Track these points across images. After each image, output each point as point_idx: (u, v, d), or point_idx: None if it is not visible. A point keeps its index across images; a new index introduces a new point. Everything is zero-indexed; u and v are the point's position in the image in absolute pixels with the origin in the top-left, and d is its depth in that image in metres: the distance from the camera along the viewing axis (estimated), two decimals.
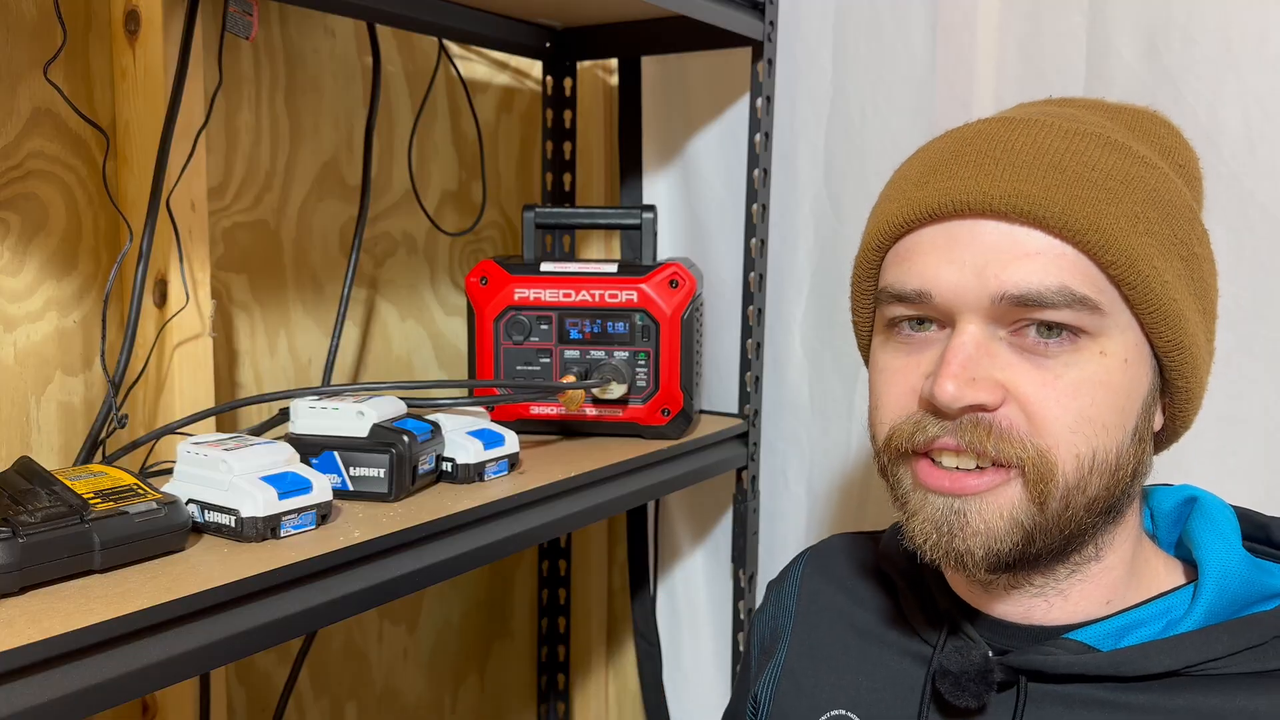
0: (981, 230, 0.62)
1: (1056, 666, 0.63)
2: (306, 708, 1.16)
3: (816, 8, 1.20)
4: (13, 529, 0.61)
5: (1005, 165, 0.62)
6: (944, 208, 0.63)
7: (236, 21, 0.90)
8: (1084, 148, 0.63)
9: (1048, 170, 0.61)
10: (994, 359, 0.62)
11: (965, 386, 0.61)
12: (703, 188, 1.33)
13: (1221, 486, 0.77)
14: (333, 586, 0.72)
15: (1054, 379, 0.61)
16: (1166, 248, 0.62)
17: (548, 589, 1.46)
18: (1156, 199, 0.62)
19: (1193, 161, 0.69)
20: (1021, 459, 0.61)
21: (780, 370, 1.28)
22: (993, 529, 0.62)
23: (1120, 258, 0.60)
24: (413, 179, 1.19)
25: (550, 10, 1.19)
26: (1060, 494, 0.61)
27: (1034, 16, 1.05)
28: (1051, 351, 0.61)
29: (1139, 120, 0.69)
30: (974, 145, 0.65)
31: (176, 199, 0.87)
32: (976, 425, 0.61)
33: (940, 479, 0.63)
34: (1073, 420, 0.61)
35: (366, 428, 0.82)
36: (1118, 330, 0.62)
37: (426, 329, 1.26)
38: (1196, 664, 0.61)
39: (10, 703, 0.55)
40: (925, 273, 0.63)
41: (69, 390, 0.90)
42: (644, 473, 1.03)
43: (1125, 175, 0.62)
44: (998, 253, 0.61)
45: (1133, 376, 0.63)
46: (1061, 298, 0.60)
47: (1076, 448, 0.61)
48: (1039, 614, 0.67)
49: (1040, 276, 0.60)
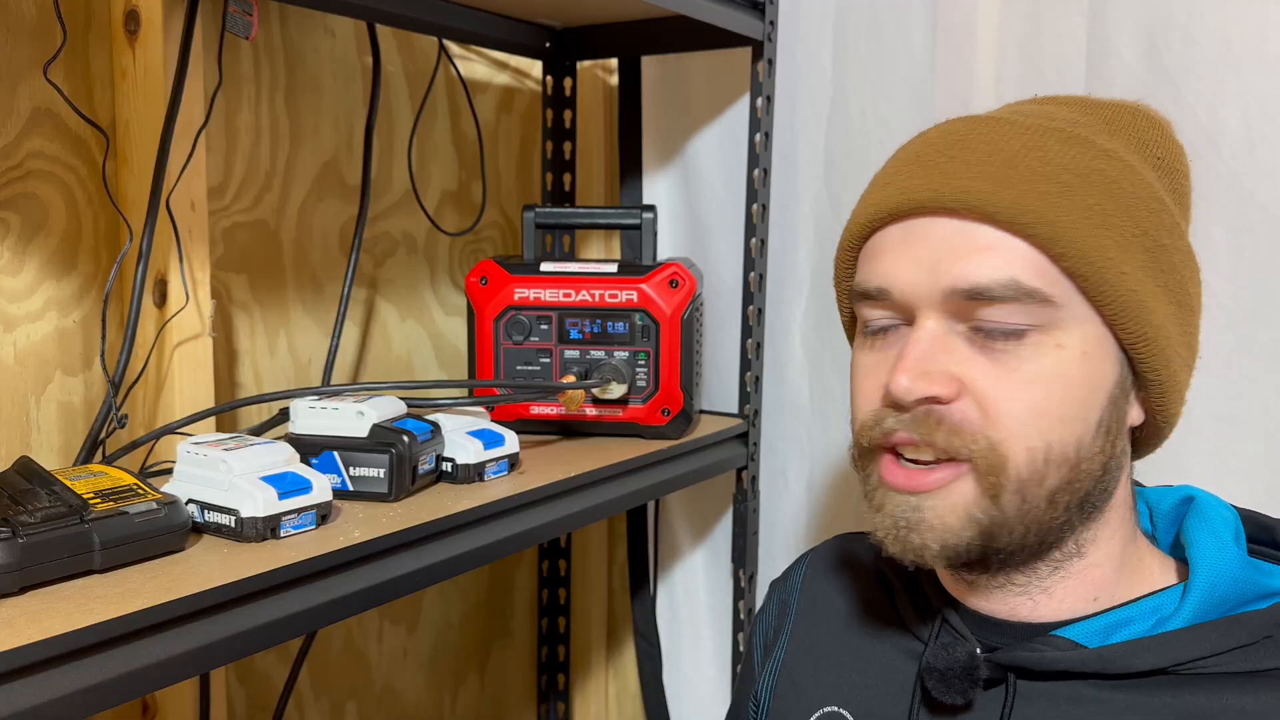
0: (936, 228, 0.63)
1: (1043, 663, 0.64)
2: (306, 708, 1.16)
3: (816, 8, 1.20)
4: (13, 529, 0.61)
5: (960, 163, 0.64)
6: (901, 207, 0.65)
7: (236, 21, 0.90)
8: (1041, 143, 0.63)
9: (1000, 166, 0.62)
10: (950, 353, 0.63)
11: (918, 379, 0.62)
12: (703, 188, 1.33)
13: (1221, 486, 0.77)
14: (333, 586, 0.72)
15: (1008, 372, 0.62)
16: (1126, 239, 0.62)
17: (548, 589, 1.46)
18: (1116, 191, 0.63)
19: (1174, 155, 0.69)
20: (972, 451, 0.62)
21: (780, 370, 1.28)
22: (948, 525, 0.63)
23: (1070, 249, 0.61)
24: (413, 179, 1.19)
25: (550, 10, 1.19)
26: (1014, 487, 0.62)
27: (1034, 16, 1.05)
28: (1006, 345, 0.62)
29: (1118, 115, 0.69)
30: (934, 145, 0.66)
31: (176, 199, 0.87)
32: (928, 417, 0.62)
33: (897, 476, 0.64)
34: (1025, 413, 0.61)
35: (366, 428, 0.82)
36: (1075, 323, 0.62)
37: (426, 329, 1.26)
38: (1184, 662, 0.61)
39: (10, 703, 0.55)
40: (886, 270, 0.65)
41: (69, 390, 0.90)
42: (644, 473, 1.03)
43: (1082, 168, 0.63)
44: (950, 248, 0.62)
45: (1093, 369, 0.63)
46: (1010, 291, 0.61)
47: (1029, 440, 0.61)
48: (1025, 611, 0.68)
49: (989, 270, 0.61)
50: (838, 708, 0.73)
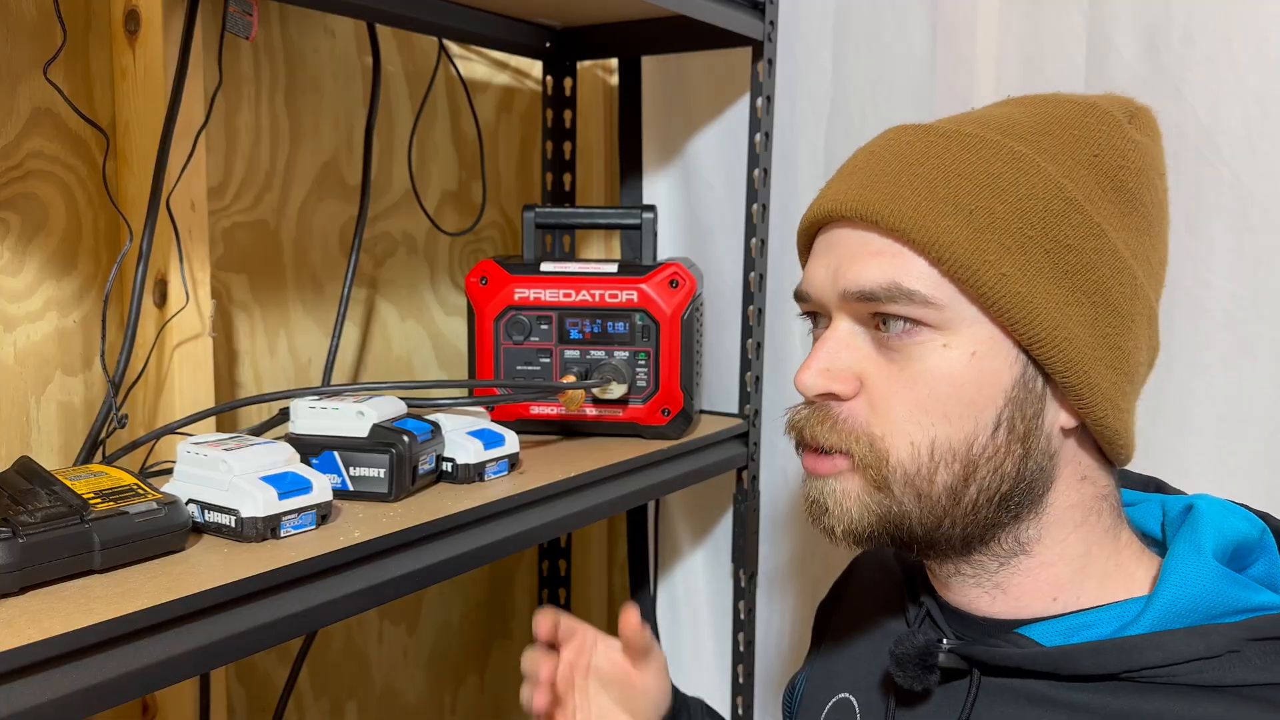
0: (843, 235, 0.68)
1: (997, 658, 0.65)
2: (306, 708, 1.16)
3: (816, 8, 1.20)
4: (13, 529, 0.61)
5: (863, 173, 0.68)
6: (818, 217, 0.70)
7: (236, 21, 0.90)
8: (942, 150, 0.66)
9: (896, 174, 0.66)
10: (854, 351, 0.67)
11: (818, 377, 0.66)
12: (703, 188, 1.33)
13: (1221, 486, 0.77)
14: (333, 586, 0.72)
15: (898, 371, 0.65)
16: (1017, 242, 0.63)
17: (548, 589, 1.46)
18: (1010, 193, 0.63)
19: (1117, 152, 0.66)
20: (851, 449, 0.66)
21: (780, 370, 1.28)
22: (846, 511, 0.67)
23: (946, 254, 0.63)
24: (413, 179, 1.19)
25: (550, 10, 1.19)
26: (900, 480, 0.65)
27: (1034, 16, 1.05)
28: (895, 344, 0.65)
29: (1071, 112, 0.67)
30: (854, 157, 0.71)
31: (176, 199, 0.87)
32: (822, 415, 0.67)
33: (806, 460, 0.69)
34: (908, 410, 0.65)
35: (366, 428, 0.82)
36: (963, 324, 0.64)
37: (426, 329, 1.26)
38: (1137, 669, 0.60)
39: (10, 703, 0.54)
40: (808, 274, 0.71)
41: (69, 390, 0.90)
42: (644, 473, 1.03)
43: (974, 173, 0.64)
44: (849, 254, 0.67)
45: (983, 369, 0.64)
46: (889, 293, 0.64)
47: (911, 436, 0.64)
48: (985, 605, 0.69)
49: (873, 274, 0.65)
50: (848, 694, 0.76)
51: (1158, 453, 1.00)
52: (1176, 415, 0.99)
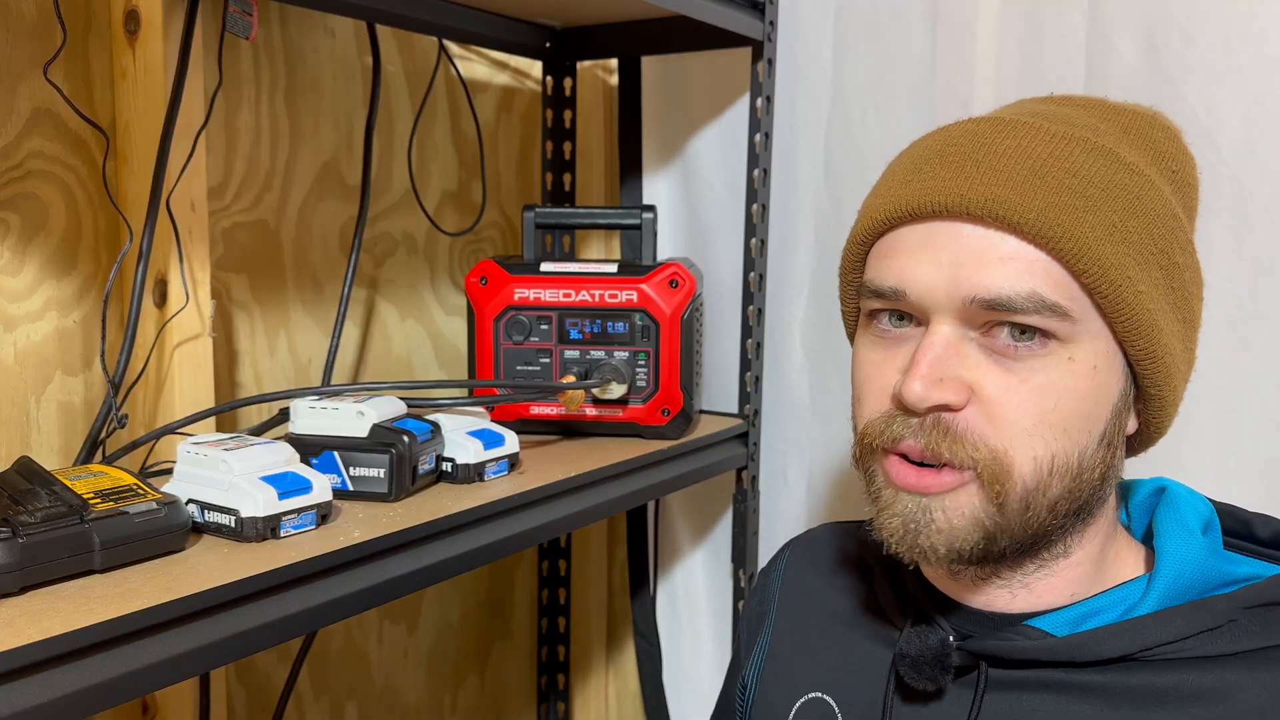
0: (958, 232, 0.63)
1: (1012, 651, 0.65)
2: (306, 708, 1.16)
3: (816, 8, 1.20)
4: (13, 529, 0.61)
5: (986, 168, 0.63)
6: (923, 208, 0.64)
7: (236, 21, 0.90)
8: (1067, 152, 0.63)
9: (1027, 175, 0.62)
10: (963, 359, 0.63)
11: (931, 387, 0.62)
12: (703, 188, 1.33)
13: (1222, 486, 0.77)
14: (333, 586, 0.72)
15: (1019, 382, 0.62)
16: (1144, 258, 0.62)
17: (548, 589, 1.46)
18: (1138, 208, 0.63)
19: (1187, 167, 0.69)
20: (975, 460, 0.62)
21: (780, 370, 1.28)
22: (955, 528, 0.63)
23: (1093, 267, 0.61)
24: (413, 179, 1.19)
25: (550, 10, 1.19)
26: (1019, 495, 0.62)
27: (1034, 16, 1.05)
28: (1020, 355, 0.62)
29: (1136, 123, 0.68)
30: (958, 145, 0.65)
31: (176, 199, 0.87)
32: (936, 426, 0.62)
33: (907, 476, 0.64)
34: (1031, 423, 0.62)
35: (366, 428, 0.82)
36: (1088, 337, 0.62)
37: (426, 329, 1.26)
38: (1150, 647, 0.62)
39: (10, 703, 0.55)
40: (902, 271, 0.64)
41: (69, 390, 0.90)
42: (644, 473, 1.03)
43: (1107, 182, 0.62)
44: (972, 255, 0.62)
45: (1101, 383, 0.63)
46: (1031, 304, 0.61)
47: (1034, 450, 0.62)
48: (1001, 603, 0.69)
49: (1011, 282, 0.61)
50: (821, 694, 0.74)
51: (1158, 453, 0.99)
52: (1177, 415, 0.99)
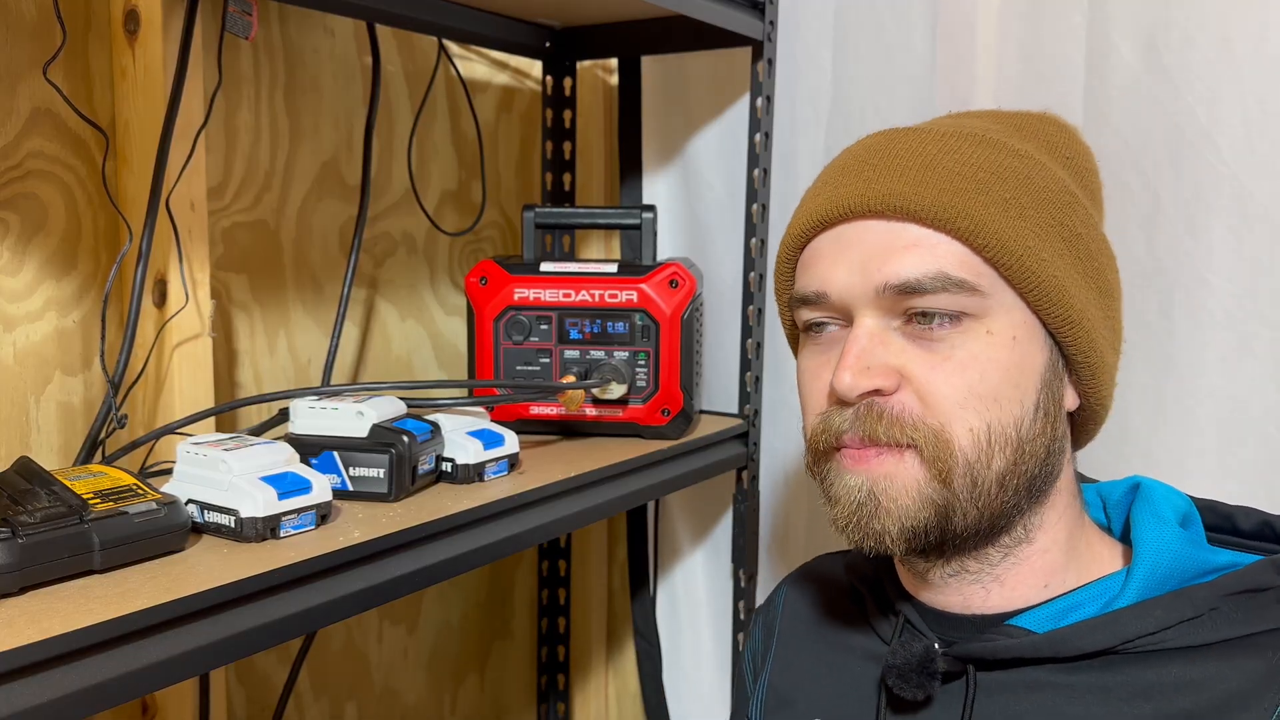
0: (865, 230, 0.67)
1: (996, 652, 0.65)
2: (306, 708, 1.16)
3: (816, 8, 1.20)
4: (12, 529, 0.61)
5: (883, 170, 0.67)
6: (831, 214, 0.68)
7: (236, 21, 0.90)
8: (956, 146, 0.67)
9: (921, 169, 0.66)
10: (888, 347, 0.66)
11: (860, 375, 0.65)
12: (703, 188, 1.33)
13: (1221, 486, 0.77)
14: (332, 587, 0.72)
15: (942, 360, 0.65)
16: (1043, 229, 0.66)
17: (548, 589, 1.46)
18: (1029, 185, 0.67)
19: (1082, 155, 0.73)
20: (914, 439, 0.64)
21: (780, 370, 1.28)
22: (904, 507, 0.65)
23: (992, 240, 0.64)
24: (412, 179, 1.19)
25: (550, 10, 1.19)
26: (962, 469, 0.64)
27: (1034, 16, 1.05)
28: (939, 335, 0.65)
29: (1027, 122, 0.73)
30: (858, 156, 0.71)
31: (176, 199, 0.87)
32: (870, 411, 0.65)
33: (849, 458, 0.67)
34: (962, 396, 0.64)
35: (366, 428, 0.82)
36: (1002, 310, 0.65)
37: (426, 329, 1.26)
38: (1132, 639, 0.63)
39: (10, 703, 0.54)
40: (821, 275, 0.69)
41: (68, 390, 0.90)
42: (644, 473, 1.03)
43: (995, 167, 0.66)
44: (879, 248, 0.66)
45: (1023, 352, 0.66)
46: (938, 283, 0.64)
47: (969, 422, 0.64)
48: (979, 601, 0.69)
49: (917, 265, 0.65)
50: (820, 718, 0.75)
51: (1158, 453, 1.00)
52: (1177, 415, 0.99)
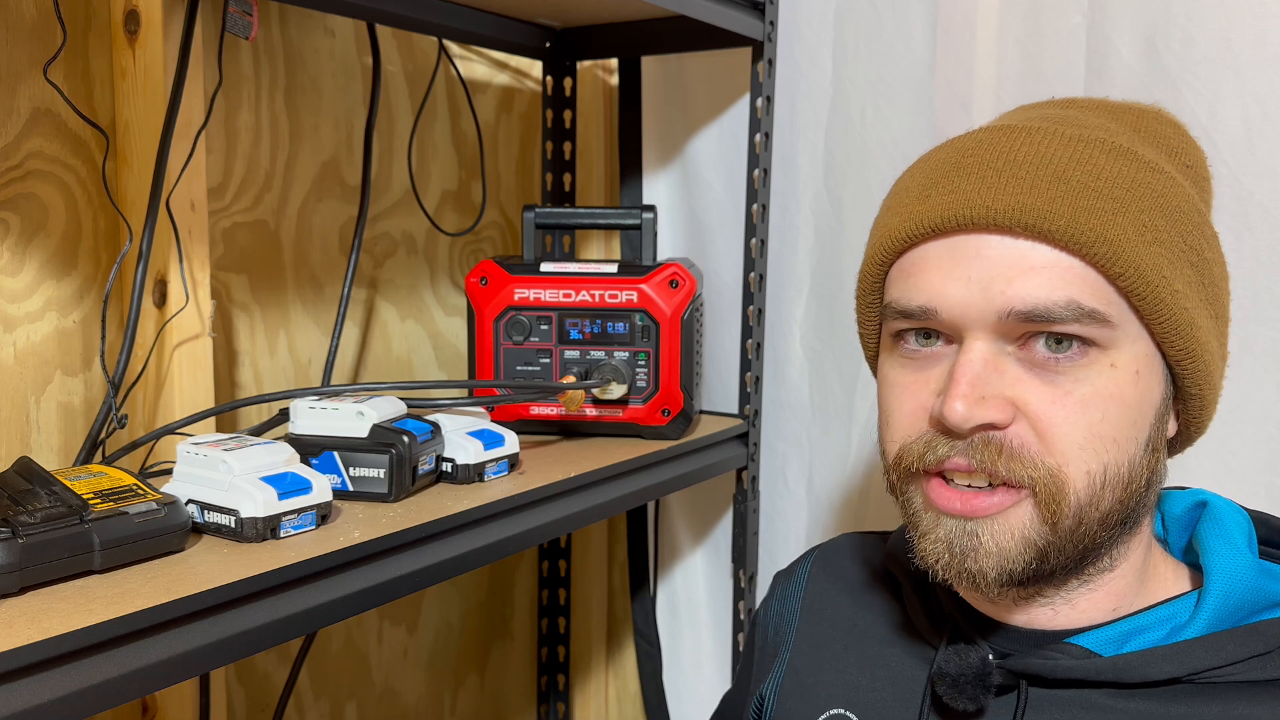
0: (986, 245, 0.61)
1: (1057, 671, 0.63)
2: (306, 708, 1.16)
3: (816, 8, 1.20)
4: (12, 529, 0.61)
5: (1008, 177, 0.61)
6: (947, 222, 0.61)
7: (236, 21, 0.90)
8: (1088, 155, 0.61)
9: (1052, 181, 0.60)
10: (1003, 375, 0.61)
11: (975, 406, 0.60)
12: (703, 188, 1.33)
13: (1221, 487, 0.77)
14: (332, 587, 0.72)
15: (1064, 395, 0.60)
16: (1175, 255, 0.61)
17: (548, 589, 1.46)
18: (1163, 205, 0.61)
19: (1200, 161, 0.68)
20: (1033, 479, 0.60)
21: (780, 370, 1.28)
22: (1005, 550, 0.61)
23: (1129, 269, 0.59)
24: (413, 179, 1.19)
25: (550, 10, 1.19)
26: (1073, 512, 0.60)
27: (1034, 16, 1.05)
28: (1061, 366, 0.60)
29: (1144, 121, 0.67)
30: (975, 156, 0.63)
31: (176, 199, 0.87)
32: (987, 444, 0.60)
33: (951, 500, 0.62)
34: (1083, 437, 0.60)
35: (366, 428, 0.82)
36: (1128, 341, 0.61)
37: (426, 329, 1.26)
38: (1199, 671, 0.60)
39: (10, 703, 0.54)
40: (930, 289, 0.62)
41: (69, 390, 0.90)
42: (644, 473, 1.03)
43: (1131, 183, 0.61)
44: (1004, 268, 0.60)
45: (1144, 388, 0.61)
46: (1070, 312, 0.59)
47: (1087, 464, 0.60)
48: (1043, 620, 0.67)
49: (1047, 291, 0.59)
50: (844, 710, 0.72)
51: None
52: None
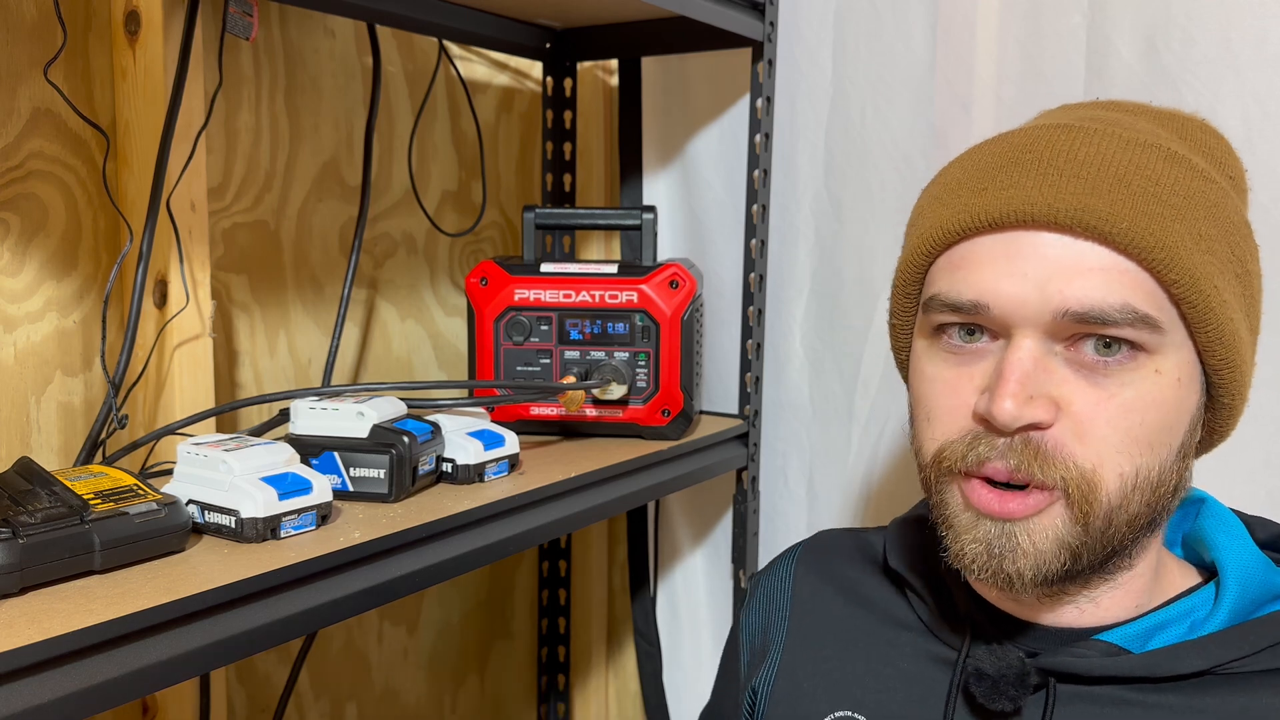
0: (1043, 243, 0.60)
1: (1090, 669, 0.63)
2: (306, 708, 1.16)
3: (816, 8, 1.20)
4: (13, 530, 0.61)
5: (1070, 176, 0.60)
6: (1006, 217, 0.61)
7: (236, 22, 0.90)
8: (1147, 160, 0.61)
9: (1113, 183, 0.60)
10: (1050, 375, 0.61)
11: (1024, 405, 0.60)
12: (703, 188, 1.33)
13: (1221, 488, 0.77)
14: (333, 587, 0.72)
15: (1108, 397, 0.60)
16: (1224, 266, 0.61)
17: (548, 589, 1.46)
18: (1216, 215, 0.61)
19: (1241, 174, 0.69)
20: (1065, 480, 0.60)
21: (780, 370, 1.28)
22: (1041, 552, 0.61)
23: (1184, 276, 0.59)
24: (413, 179, 1.19)
25: (550, 11, 1.19)
26: (1103, 513, 0.61)
27: (1034, 16, 1.05)
28: (1109, 370, 0.60)
29: (1189, 130, 0.67)
30: (1033, 152, 0.63)
31: (176, 199, 0.88)
32: (1026, 446, 0.61)
33: (990, 501, 0.62)
34: (1120, 439, 0.60)
35: (366, 428, 0.82)
36: (1174, 348, 0.61)
37: (426, 329, 1.26)
38: (1224, 663, 0.62)
39: (10, 703, 0.55)
40: (983, 284, 0.62)
41: (69, 390, 0.90)
42: (644, 473, 1.03)
43: (1188, 190, 0.61)
44: (1060, 267, 0.60)
45: (1184, 395, 0.62)
46: (1124, 316, 0.59)
47: (1121, 467, 0.60)
48: (1069, 618, 0.67)
49: (1104, 293, 0.59)
50: (851, 712, 0.72)
51: None
52: None
